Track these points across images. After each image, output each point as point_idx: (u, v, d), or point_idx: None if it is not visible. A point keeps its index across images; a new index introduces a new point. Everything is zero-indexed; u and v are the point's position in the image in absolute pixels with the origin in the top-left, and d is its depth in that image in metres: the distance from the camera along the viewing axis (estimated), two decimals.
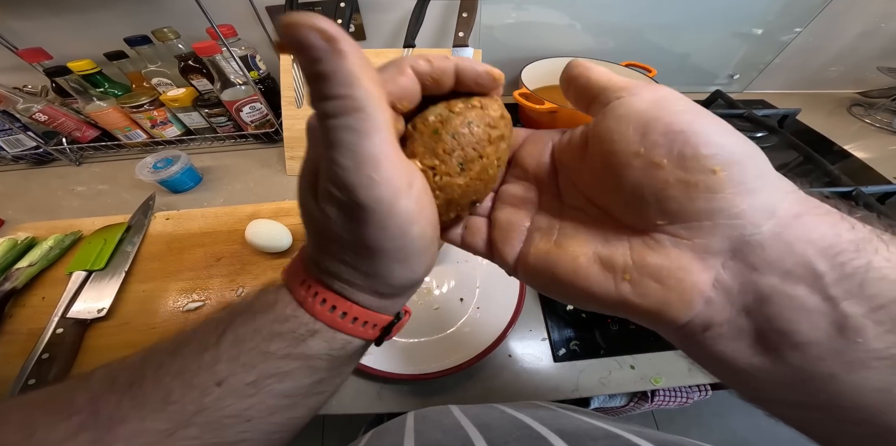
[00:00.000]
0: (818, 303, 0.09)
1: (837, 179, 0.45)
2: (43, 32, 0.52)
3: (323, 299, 0.13)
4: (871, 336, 0.09)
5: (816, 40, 0.62)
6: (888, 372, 0.09)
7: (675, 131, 0.10)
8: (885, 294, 0.09)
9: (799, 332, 0.09)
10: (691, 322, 0.10)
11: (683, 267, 0.10)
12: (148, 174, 0.49)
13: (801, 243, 0.09)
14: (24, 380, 0.31)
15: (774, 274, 0.09)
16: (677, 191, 0.10)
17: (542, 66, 0.59)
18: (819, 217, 0.10)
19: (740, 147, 0.10)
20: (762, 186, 0.10)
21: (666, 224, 0.10)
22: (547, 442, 0.14)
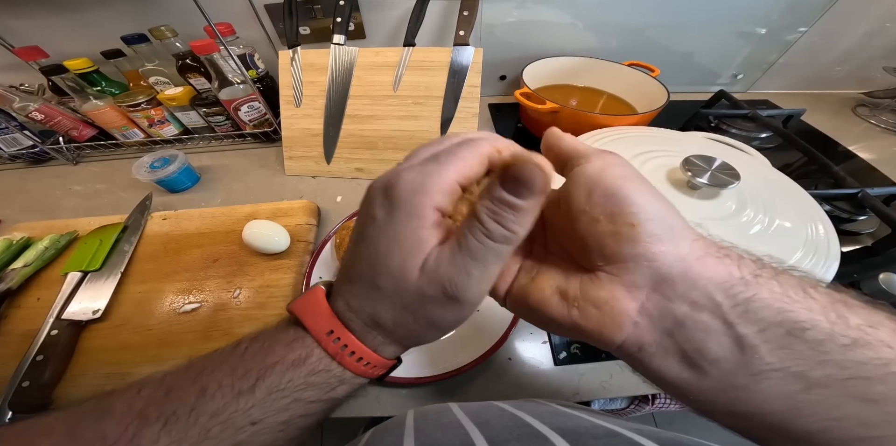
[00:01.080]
0: (720, 326, 0.12)
1: (843, 181, 0.44)
2: (39, 30, 0.51)
3: (352, 351, 0.15)
4: (763, 351, 0.11)
5: (821, 40, 0.61)
6: (784, 381, 0.11)
7: (609, 194, 0.13)
8: (767, 318, 0.11)
9: (710, 350, 0.12)
10: (626, 341, 0.13)
11: (616, 297, 0.13)
12: (145, 174, 0.48)
13: (703, 279, 0.12)
14: (19, 382, 0.30)
15: (685, 303, 0.12)
16: (610, 240, 0.13)
17: (543, 65, 0.59)
18: (717, 259, 0.12)
19: (655, 206, 0.13)
20: (671, 237, 0.13)
21: (604, 265, 0.13)
22: (547, 440, 0.14)
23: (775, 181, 0.37)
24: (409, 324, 0.14)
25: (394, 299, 0.14)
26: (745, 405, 0.12)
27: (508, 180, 0.12)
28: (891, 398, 0.11)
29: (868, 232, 0.42)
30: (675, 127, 0.51)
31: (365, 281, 0.14)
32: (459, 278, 0.13)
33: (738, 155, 0.40)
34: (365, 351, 0.15)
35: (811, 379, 0.11)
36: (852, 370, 0.11)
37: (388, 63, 0.49)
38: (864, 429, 0.11)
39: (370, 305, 0.15)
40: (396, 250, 0.13)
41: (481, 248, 0.12)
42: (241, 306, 0.36)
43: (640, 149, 0.37)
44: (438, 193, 0.13)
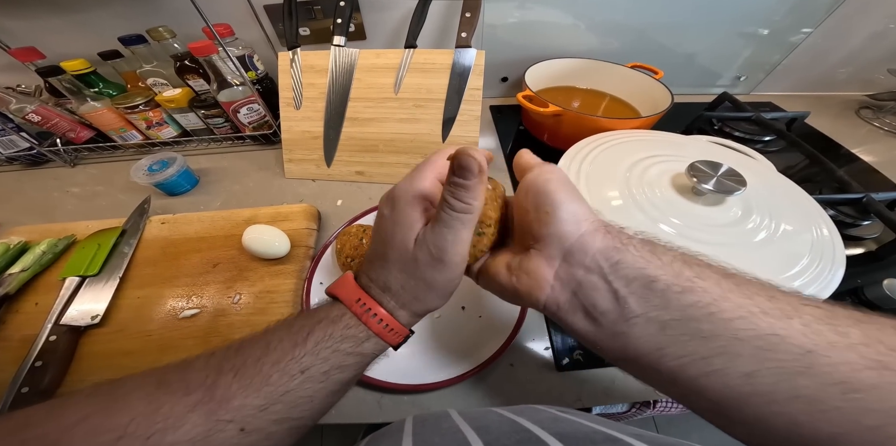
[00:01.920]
0: (603, 284, 0.16)
1: (847, 185, 0.44)
2: (36, 31, 0.51)
3: (374, 313, 0.19)
4: (631, 302, 0.15)
5: (825, 41, 0.61)
6: (646, 325, 0.15)
7: (536, 192, 0.18)
8: (630, 275, 0.15)
9: (598, 304, 0.16)
10: (547, 301, 0.17)
11: (539, 266, 0.17)
12: (143, 177, 0.48)
13: (592, 250, 0.16)
14: (18, 388, 0.30)
15: (581, 268, 0.16)
16: (535, 224, 0.18)
17: (546, 67, 0.58)
18: (603, 235, 0.17)
19: (566, 200, 0.17)
20: (575, 220, 0.17)
21: (533, 244, 0.18)
22: (546, 445, 0.14)
23: (780, 186, 0.36)
24: (412, 286, 0.19)
25: (398, 265, 0.19)
26: (629, 349, 0.15)
27: (455, 168, 0.16)
28: (715, 335, 0.13)
29: (872, 237, 0.42)
30: (678, 129, 0.51)
31: (380, 257, 0.19)
32: (439, 242, 0.17)
33: (742, 159, 0.40)
34: (384, 314, 0.19)
35: (662, 322, 0.15)
36: (684, 312, 0.14)
37: (389, 65, 0.49)
38: (705, 364, 0.14)
39: (383, 274, 0.19)
40: (398, 231, 0.18)
41: (448, 218, 0.17)
42: (241, 312, 0.36)
43: (643, 154, 0.37)
44: (421, 189, 0.18)
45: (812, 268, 0.28)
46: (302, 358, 0.17)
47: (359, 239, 0.37)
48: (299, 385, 0.17)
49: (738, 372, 0.13)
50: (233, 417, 0.15)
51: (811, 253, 0.29)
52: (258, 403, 0.16)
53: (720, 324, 0.13)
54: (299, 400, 0.17)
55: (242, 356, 0.17)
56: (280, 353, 0.17)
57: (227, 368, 0.17)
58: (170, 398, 0.15)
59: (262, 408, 0.16)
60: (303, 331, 0.18)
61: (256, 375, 0.16)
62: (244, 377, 0.16)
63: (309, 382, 0.17)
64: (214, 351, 0.18)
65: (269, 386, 0.16)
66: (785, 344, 0.12)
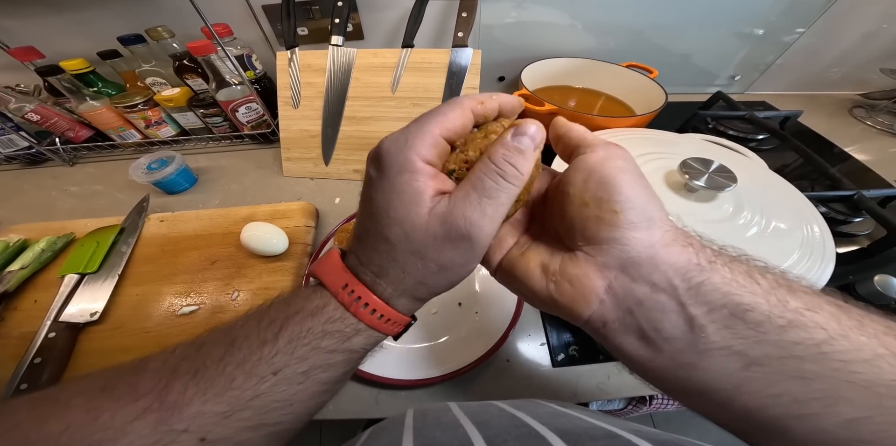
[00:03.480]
0: (674, 307, 0.13)
1: (839, 183, 0.45)
2: (35, 30, 0.51)
3: (365, 303, 0.16)
4: (710, 331, 0.13)
5: (819, 41, 0.61)
6: (726, 359, 0.12)
7: (603, 182, 0.14)
8: (716, 301, 0.13)
9: (664, 328, 0.13)
10: (592, 317, 0.14)
11: (588, 275, 0.14)
12: (142, 175, 0.48)
13: (665, 265, 0.13)
14: (17, 385, 0.30)
15: (647, 285, 0.14)
16: (592, 223, 0.14)
17: (542, 66, 0.59)
18: (681, 247, 0.14)
19: (640, 198, 0.14)
20: (648, 226, 0.14)
21: (583, 245, 0.15)
22: (545, 440, 0.14)
23: (772, 183, 0.37)
24: (418, 269, 0.15)
25: (402, 246, 0.15)
26: (693, 382, 0.13)
27: (520, 133, 0.14)
28: (820, 376, 0.11)
29: (864, 233, 0.42)
30: (673, 128, 0.51)
31: (372, 235, 0.15)
32: (475, 215, 0.14)
33: (735, 157, 0.41)
34: (376, 303, 0.16)
35: (750, 358, 0.12)
36: (786, 349, 0.12)
37: (387, 64, 0.49)
38: (798, 406, 0.12)
39: (378, 256, 0.15)
40: (397, 202, 0.14)
41: (495, 187, 0.14)
42: (239, 308, 0.36)
43: (638, 152, 0.37)
44: (422, 147, 0.14)
45: (802, 264, 0.28)
46: (272, 357, 0.15)
47: None
48: (271, 388, 0.14)
49: (841, 418, 0.11)
50: (188, 426, 0.13)
51: (801, 248, 0.29)
52: (220, 410, 0.14)
53: (832, 365, 0.11)
54: (273, 404, 0.15)
55: (202, 355, 0.15)
56: (246, 352, 0.15)
57: (183, 369, 0.14)
58: (113, 404, 0.13)
59: (225, 415, 0.14)
60: (273, 325, 0.15)
61: (218, 377, 0.14)
62: (203, 380, 0.14)
63: (284, 384, 0.15)
64: (176, 348, 0.16)
65: (233, 389, 0.14)
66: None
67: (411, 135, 0.14)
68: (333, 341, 0.15)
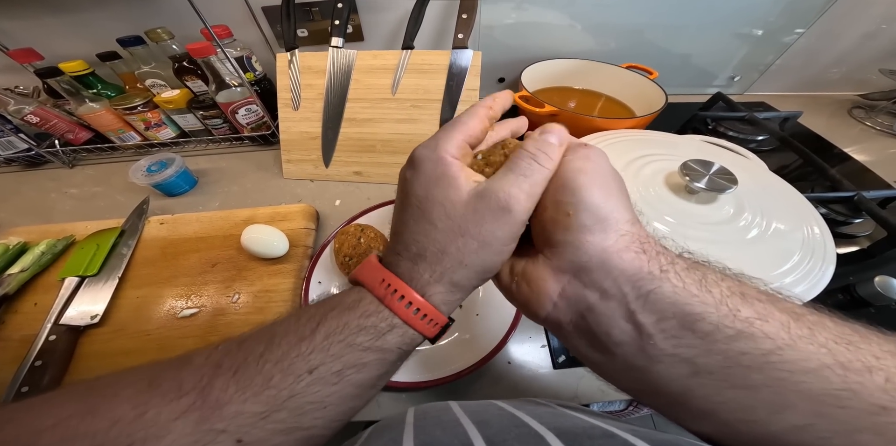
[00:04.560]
0: (623, 314, 0.13)
1: (839, 184, 0.45)
2: (34, 32, 0.51)
3: (401, 296, 0.16)
4: (658, 340, 0.13)
5: (818, 42, 0.61)
6: (675, 366, 0.13)
7: (561, 185, 0.15)
8: (665, 310, 0.13)
9: (614, 334, 0.14)
10: (548, 317, 0.15)
11: (543, 278, 0.15)
12: (142, 178, 0.48)
13: (616, 271, 0.13)
14: (17, 388, 0.30)
15: (597, 291, 0.14)
16: (550, 225, 0.15)
17: (542, 67, 0.59)
18: (634, 253, 0.14)
19: (595, 199, 0.14)
20: (601, 229, 0.14)
21: (544, 247, 0.15)
22: (544, 440, 0.14)
23: (772, 184, 0.37)
24: (458, 248, 0.15)
25: (442, 223, 0.15)
26: (646, 384, 0.14)
27: (545, 131, 0.16)
28: (766, 385, 0.12)
29: (864, 234, 0.42)
30: (673, 129, 0.51)
31: (410, 224, 0.16)
32: (514, 189, 0.15)
33: (735, 158, 0.41)
34: (412, 295, 0.16)
35: (698, 366, 0.12)
36: (734, 359, 0.12)
37: (387, 66, 0.49)
38: (744, 413, 0.12)
39: (416, 241, 0.16)
40: (435, 187, 0.15)
41: (530, 168, 0.15)
42: (240, 311, 0.36)
43: (638, 153, 0.37)
44: (452, 148, 0.16)
45: (803, 265, 0.28)
46: (309, 354, 0.14)
47: (357, 238, 0.38)
48: (306, 388, 0.14)
49: (788, 424, 0.11)
50: (226, 426, 0.13)
51: (802, 250, 0.29)
52: (258, 410, 0.13)
53: (777, 374, 0.12)
54: (307, 406, 0.14)
55: (244, 352, 0.15)
56: (285, 349, 0.15)
57: (226, 366, 0.14)
58: (159, 400, 0.13)
59: (262, 416, 0.14)
60: (311, 321, 0.16)
61: (257, 375, 0.14)
62: (244, 377, 0.14)
63: (318, 384, 0.14)
64: (220, 344, 0.16)
65: (271, 388, 0.14)
66: (856, 400, 0.11)
67: (440, 140, 0.16)
68: (368, 337, 0.15)
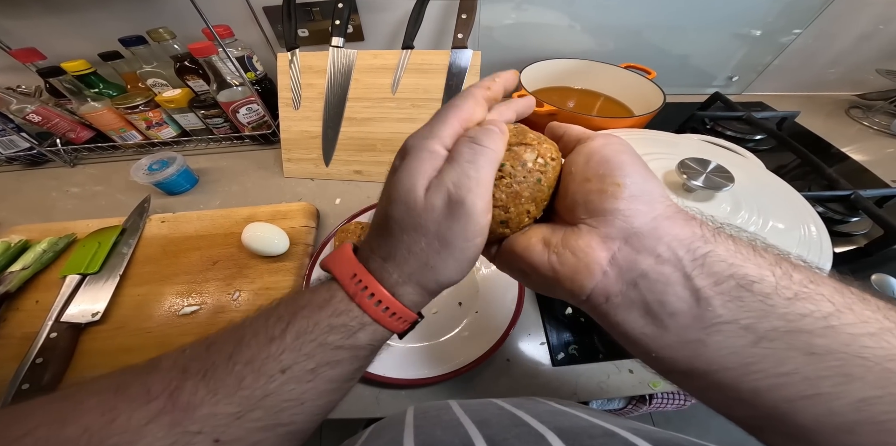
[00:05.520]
0: (679, 279, 0.13)
1: (836, 183, 0.45)
2: (36, 32, 0.51)
3: (371, 293, 0.15)
4: (717, 304, 0.12)
5: (815, 42, 0.62)
6: (734, 334, 0.12)
7: (605, 160, 0.15)
8: (721, 272, 0.12)
9: (669, 302, 0.13)
10: (595, 290, 0.14)
11: (591, 245, 0.14)
12: (143, 176, 0.48)
13: (668, 236, 0.13)
14: (18, 385, 0.30)
15: (651, 256, 0.13)
16: (595, 196, 0.15)
17: (541, 67, 0.59)
18: (684, 220, 0.14)
19: (641, 174, 0.15)
20: (648, 199, 0.14)
21: (586, 218, 0.15)
22: (544, 439, 0.14)
23: (769, 183, 0.37)
24: (422, 248, 0.15)
25: (405, 221, 0.15)
26: (699, 360, 0.13)
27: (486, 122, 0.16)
28: (831, 352, 0.11)
29: (861, 233, 0.43)
30: (672, 129, 0.52)
31: (382, 217, 0.16)
32: (460, 180, 0.14)
33: (732, 157, 0.41)
34: (382, 293, 0.15)
35: (759, 332, 0.12)
36: (795, 323, 0.11)
37: (387, 65, 0.50)
38: (808, 386, 0.11)
39: (386, 239, 0.16)
40: (406, 179, 0.15)
41: (472, 152, 0.15)
42: (240, 308, 0.36)
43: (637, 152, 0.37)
44: (445, 136, 0.15)
45: None
46: (280, 355, 0.14)
47: (357, 236, 0.38)
48: (280, 387, 0.14)
49: (852, 398, 0.11)
50: (201, 428, 0.13)
51: (798, 248, 0.29)
52: (231, 411, 0.14)
53: (841, 338, 0.11)
54: (284, 403, 0.14)
55: (213, 354, 0.15)
56: (254, 350, 0.15)
57: (194, 369, 0.14)
58: (127, 405, 0.13)
59: (237, 416, 0.14)
60: (281, 321, 0.15)
61: (228, 377, 0.14)
62: (214, 379, 0.14)
63: (292, 383, 0.14)
64: (187, 347, 0.15)
65: (243, 389, 0.14)
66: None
67: (434, 127, 0.16)
68: (339, 337, 0.15)
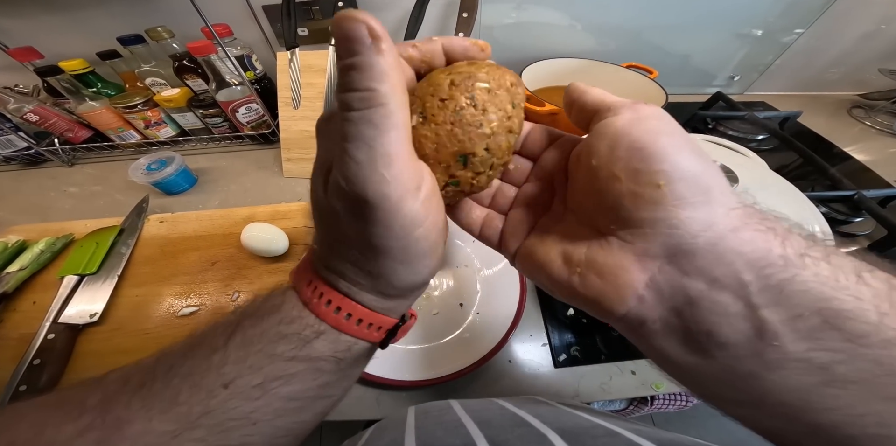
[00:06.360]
0: (741, 309, 0.10)
1: (839, 183, 0.45)
2: (34, 31, 0.51)
3: (328, 300, 0.13)
4: (787, 340, 0.10)
5: (817, 42, 0.62)
6: (803, 373, 0.10)
7: (636, 148, 0.11)
8: (804, 304, 0.10)
9: (721, 334, 0.10)
10: (628, 315, 0.12)
11: (623, 266, 0.11)
12: (141, 176, 0.48)
13: (732, 254, 0.10)
14: (16, 387, 0.30)
15: (703, 280, 0.11)
16: (628, 201, 0.11)
17: (542, 67, 0.59)
18: (756, 232, 0.11)
19: (691, 165, 0.11)
20: (704, 201, 0.11)
21: (617, 229, 0.12)
22: (547, 439, 0.14)
23: (773, 183, 0.37)
24: (354, 255, 0.13)
25: (329, 231, 0.13)
26: (748, 394, 0.11)
27: (338, 44, 0.10)
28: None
29: (864, 233, 0.42)
30: None
31: (317, 229, 0.14)
32: (349, 170, 0.10)
33: (735, 157, 0.41)
34: (341, 300, 0.13)
35: (835, 375, 0.10)
36: (888, 367, 0.09)
37: None
38: (881, 428, 0.10)
39: (323, 244, 0.14)
40: (313, 176, 0.13)
41: (351, 125, 0.10)
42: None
43: None
44: None
45: None
46: (222, 367, 0.13)
47: None
48: (222, 404, 0.12)
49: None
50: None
51: None
52: (167, 428, 0.12)
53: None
54: (230, 423, 0.13)
55: (158, 364, 0.13)
56: (195, 362, 0.13)
57: (134, 381, 0.13)
58: (58, 420, 0.12)
59: (173, 435, 0.12)
60: (227, 329, 0.14)
61: (164, 390, 0.12)
62: (149, 394, 0.12)
63: (237, 399, 0.13)
64: (142, 359, 0.14)
65: (179, 405, 0.12)
66: None
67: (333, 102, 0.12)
68: (290, 346, 0.13)
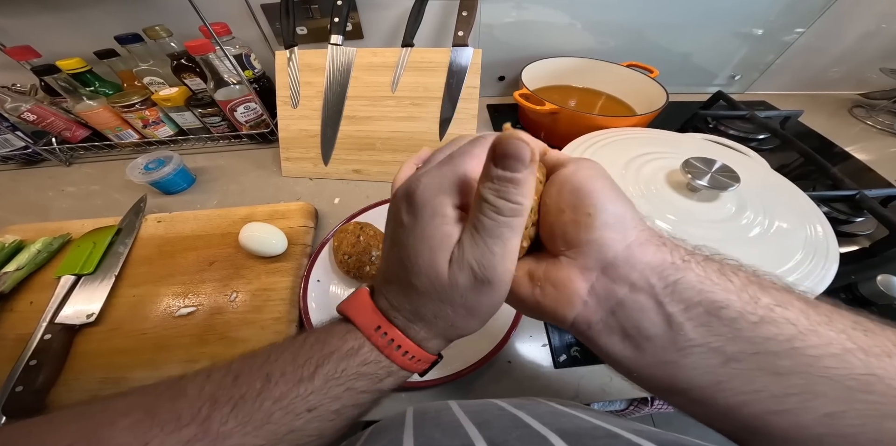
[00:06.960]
0: (653, 306, 0.13)
1: (840, 182, 0.44)
2: (31, 30, 0.50)
3: (398, 346, 0.16)
4: (688, 329, 0.13)
5: (818, 41, 0.61)
6: (705, 356, 0.13)
7: (576, 189, 0.15)
8: (691, 298, 0.13)
9: (645, 327, 0.14)
10: (577, 319, 0.15)
11: (570, 278, 0.15)
12: (139, 175, 0.48)
13: (641, 264, 0.14)
14: (12, 387, 0.30)
15: (626, 285, 0.14)
16: (571, 227, 0.14)
17: (542, 66, 0.58)
18: (656, 246, 0.14)
19: (611, 201, 0.15)
20: (622, 226, 0.14)
21: (565, 250, 0.15)
22: (546, 440, 0.14)
23: (774, 183, 0.37)
24: (448, 315, 0.16)
25: (430, 295, 0.15)
26: (677, 379, 0.13)
27: (499, 157, 0.13)
28: (795, 372, 0.12)
29: (866, 233, 0.42)
30: (674, 128, 0.51)
31: (401, 281, 0.16)
32: (485, 258, 0.14)
33: (736, 157, 0.40)
34: (410, 346, 0.16)
35: (728, 354, 0.12)
36: (760, 345, 0.12)
37: (387, 64, 0.49)
38: (776, 402, 0.12)
39: (409, 302, 0.16)
40: (425, 249, 0.15)
41: (495, 225, 0.13)
42: (237, 310, 0.36)
43: (639, 151, 0.37)
44: (458, 192, 0.15)
45: (806, 264, 0.28)
46: (308, 396, 0.15)
47: (356, 236, 0.37)
48: (305, 424, 0.15)
49: (819, 413, 0.12)
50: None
51: (805, 248, 0.29)
52: (258, 443, 0.14)
53: (804, 360, 0.12)
54: (306, 438, 0.15)
55: (240, 387, 0.15)
56: (283, 389, 0.15)
57: (223, 399, 0.15)
58: (159, 431, 0.14)
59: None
60: (309, 364, 0.16)
61: (257, 412, 0.15)
62: (242, 412, 0.15)
63: (317, 421, 0.15)
64: (210, 374, 0.16)
65: (272, 424, 0.15)
66: (881, 385, 0.11)
67: (446, 179, 0.14)
68: (366, 383, 0.16)
